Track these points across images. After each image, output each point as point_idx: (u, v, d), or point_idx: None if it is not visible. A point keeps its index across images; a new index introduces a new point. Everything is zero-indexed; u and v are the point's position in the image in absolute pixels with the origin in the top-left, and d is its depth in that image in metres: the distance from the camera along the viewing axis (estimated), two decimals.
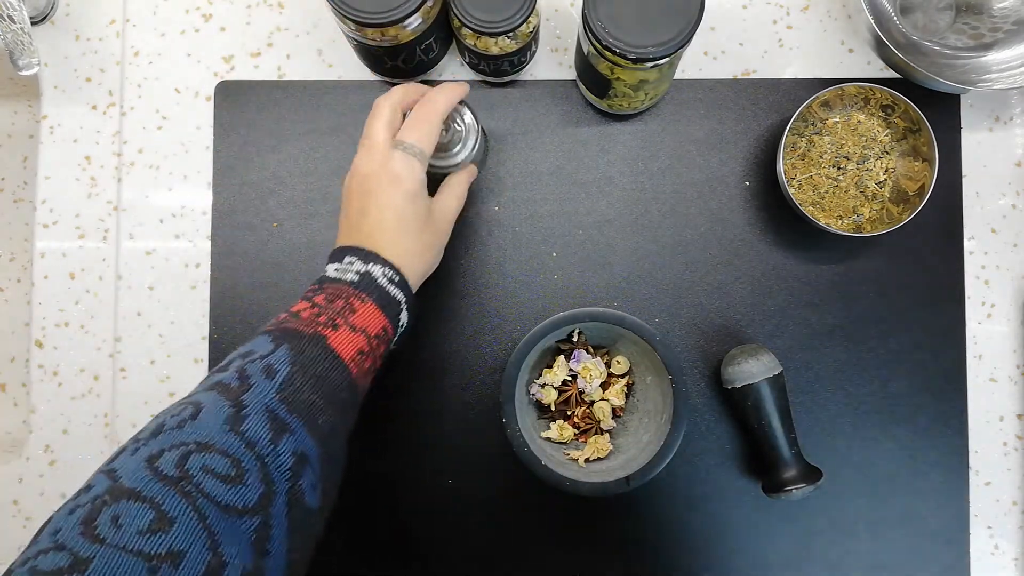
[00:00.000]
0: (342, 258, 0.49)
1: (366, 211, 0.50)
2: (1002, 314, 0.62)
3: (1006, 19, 0.62)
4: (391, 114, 0.51)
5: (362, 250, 0.49)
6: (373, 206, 0.49)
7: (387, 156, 0.50)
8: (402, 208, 0.50)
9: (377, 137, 0.51)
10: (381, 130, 0.51)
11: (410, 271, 0.50)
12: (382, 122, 0.51)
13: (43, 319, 0.63)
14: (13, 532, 0.62)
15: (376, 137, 0.51)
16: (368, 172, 0.50)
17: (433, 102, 0.52)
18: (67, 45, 0.64)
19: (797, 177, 0.61)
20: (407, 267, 0.50)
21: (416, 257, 0.51)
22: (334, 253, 0.50)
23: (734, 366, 0.58)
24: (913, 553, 0.61)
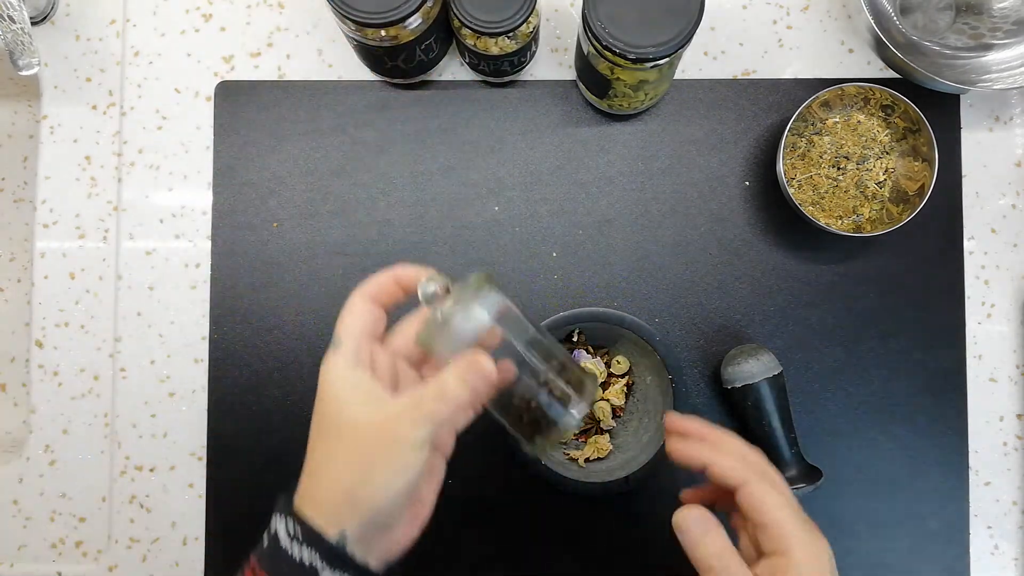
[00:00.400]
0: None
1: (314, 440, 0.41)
2: (1002, 314, 0.62)
3: (1006, 19, 0.62)
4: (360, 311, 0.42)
5: (285, 495, 0.41)
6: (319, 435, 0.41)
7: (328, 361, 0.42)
8: (317, 421, 0.40)
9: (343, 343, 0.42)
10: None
11: (330, 516, 0.37)
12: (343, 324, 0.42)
13: (43, 319, 0.63)
14: (13, 532, 0.62)
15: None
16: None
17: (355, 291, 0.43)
18: (67, 45, 0.64)
19: (797, 177, 0.61)
20: (327, 511, 0.38)
21: (342, 494, 0.37)
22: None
23: (734, 366, 0.58)
24: (913, 553, 0.61)
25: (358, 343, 0.41)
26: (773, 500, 0.41)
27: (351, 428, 0.39)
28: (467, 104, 0.63)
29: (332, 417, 0.40)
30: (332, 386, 0.40)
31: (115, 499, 0.62)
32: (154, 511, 0.62)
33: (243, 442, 0.61)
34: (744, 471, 0.42)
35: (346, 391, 0.40)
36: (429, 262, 0.62)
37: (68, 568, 0.62)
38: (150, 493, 0.62)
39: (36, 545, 0.62)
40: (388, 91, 0.63)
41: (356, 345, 0.41)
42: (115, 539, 0.62)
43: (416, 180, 0.63)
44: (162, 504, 0.62)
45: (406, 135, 0.63)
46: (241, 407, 0.62)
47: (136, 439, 0.62)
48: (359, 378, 0.40)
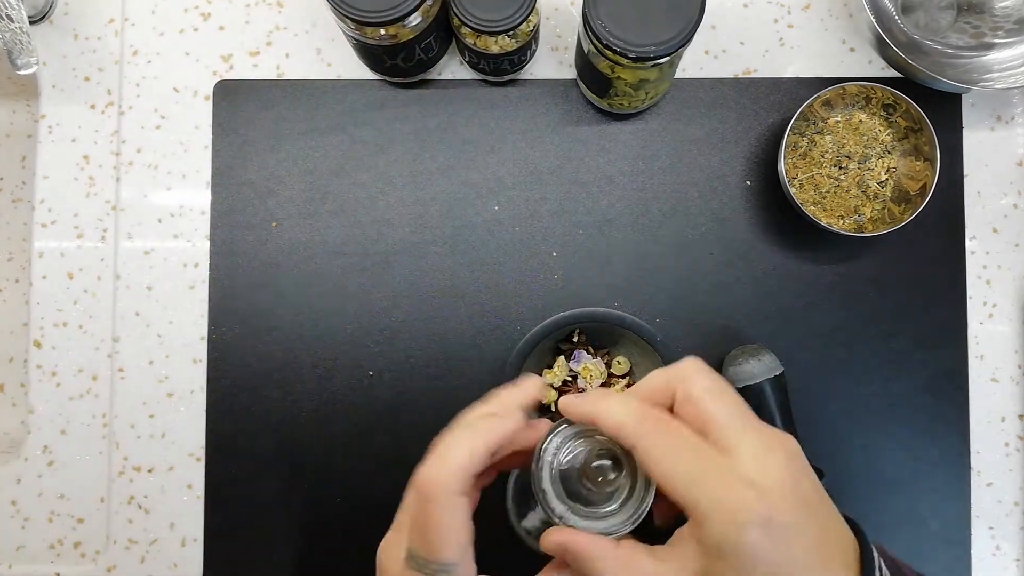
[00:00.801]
0: None
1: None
2: (1004, 314, 0.62)
3: (1007, 18, 0.62)
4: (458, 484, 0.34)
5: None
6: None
7: (394, 564, 0.35)
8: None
9: (400, 515, 0.35)
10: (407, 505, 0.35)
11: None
12: (411, 494, 0.34)
13: (41, 319, 0.62)
14: (12, 532, 0.62)
15: (400, 516, 0.35)
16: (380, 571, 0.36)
17: (421, 480, 0.34)
18: (66, 44, 0.64)
19: (798, 176, 0.60)
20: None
21: None
22: None
23: (735, 366, 0.58)
24: (914, 553, 0.61)
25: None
26: (713, 396, 0.34)
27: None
28: (467, 103, 0.63)
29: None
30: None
31: (113, 500, 0.62)
32: (152, 512, 0.61)
33: (242, 442, 0.61)
34: (671, 377, 0.35)
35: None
36: (429, 262, 0.62)
37: (66, 569, 0.61)
38: (148, 494, 0.62)
39: (34, 546, 0.62)
40: (387, 90, 0.63)
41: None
42: (113, 540, 0.62)
43: (416, 180, 0.62)
44: (160, 505, 0.61)
45: (406, 134, 0.63)
46: (240, 407, 0.61)
47: (134, 439, 0.62)
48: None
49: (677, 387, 0.34)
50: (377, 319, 0.62)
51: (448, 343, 0.62)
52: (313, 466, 0.61)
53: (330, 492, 0.61)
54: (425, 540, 0.33)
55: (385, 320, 0.62)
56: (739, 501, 0.31)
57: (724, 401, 0.34)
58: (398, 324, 0.62)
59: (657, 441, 0.32)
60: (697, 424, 0.33)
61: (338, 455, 0.61)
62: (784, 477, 0.32)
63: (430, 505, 0.34)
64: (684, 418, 0.34)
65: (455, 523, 0.34)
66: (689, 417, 0.34)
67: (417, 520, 0.34)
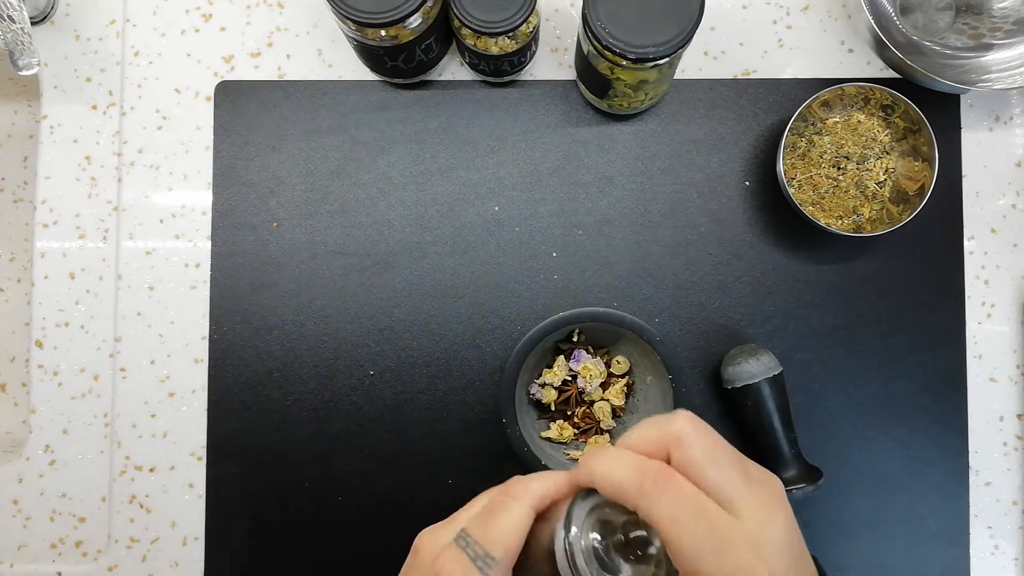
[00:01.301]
0: None
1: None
2: (1002, 314, 0.62)
3: (1006, 19, 0.62)
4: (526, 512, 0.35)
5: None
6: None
7: (442, 544, 0.36)
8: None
9: (463, 513, 0.37)
10: (473, 508, 0.37)
11: None
12: (482, 500, 0.37)
13: (43, 319, 0.63)
14: (13, 532, 0.62)
15: (462, 513, 0.37)
16: (418, 554, 0.37)
17: (519, 485, 0.36)
18: (67, 45, 0.64)
19: (797, 177, 0.61)
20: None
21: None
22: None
23: (734, 366, 0.58)
24: (913, 553, 0.61)
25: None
26: (708, 457, 0.34)
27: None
28: (467, 104, 0.63)
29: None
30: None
31: (115, 499, 0.62)
32: (154, 511, 0.62)
33: (243, 442, 0.61)
34: (667, 432, 0.35)
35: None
36: (429, 262, 0.62)
37: (68, 568, 0.62)
38: (150, 493, 0.62)
39: (36, 545, 0.62)
40: (388, 91, 0.63)
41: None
42: (115, 539, 0.62)
43: (416, 180, 0.63)
44: (162, 504, 0.62)
45: (406, 135, 0.63)
46: (241, 407, 0.62)
47: (136, 439, 0.62)
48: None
49: (672, 448, 0.34)
50: (377, 319, 0.62)
51: (448, 343, 0.62)
52: (313, 466, 0.61)
53: (330, 492, 0.61)
54: (487, 528, 0.35)
55: (385, 320, 0.62)
56: (745, 571, 0.32)
57: (725, 463, 0.34)
58: (398, 324, 0.62)
59: (660, 504, 0.32)
60: (698, 484, 0.34)
61: (338, 455, 0.61)
62: (783, 538, 0.33)
63: (511, 502, 0.35)
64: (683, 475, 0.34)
65: (519, 528, 0.35)
66: (689, 477, 0.34)
67: (492, 509, 0.35)
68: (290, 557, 0.61)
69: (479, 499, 0.38)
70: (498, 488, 0.37)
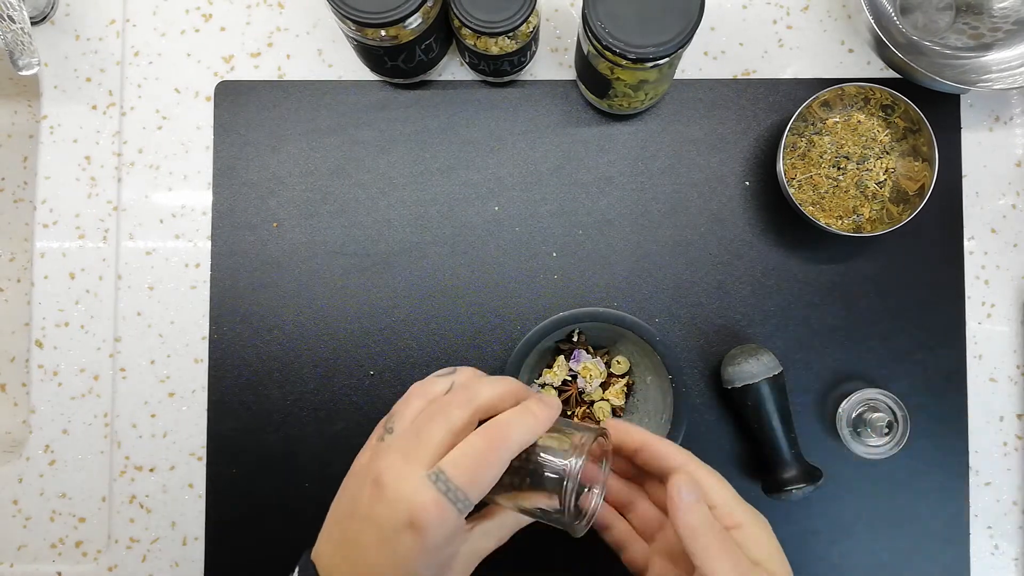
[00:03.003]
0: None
1: (353, 542, 0.38)
2: (1002, 314, 0.62)
3: (1006, 19, 0.62)
4: (463, 424, 0.38)
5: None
6: (367, 542, 0.37)
7: (416, 484, 0.36)
8: (407, 565, 0.36)
9: (429, 444, 0.37)
10: (440, 436, 0.37)
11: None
12: (446, 427, 0.38)
13: (43, 319, 0.63)
14: (13, 532, 0.62)
15: (428, 443, 0.37)
16: (384, 488, 0.37)
17: (506, 434, 0.38)
18: (67, 45, 0.64)
19: (797, 177, 0.61)
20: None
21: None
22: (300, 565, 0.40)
23: (734, 366, 0.58)
24: (913, 553, 0.61)
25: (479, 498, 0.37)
26: (716, 480, 0.43)
27: (439, 568, 0.38)
28: (467, 104, 0.63)
29: (433, 562, 0.37)
30: (443, 538, 0.37)
31: (115, 499, 0.62)
32: (154, 511, 0.62)
33: (243, 442, 0.61)
34: (683, 454, 0.43)
35: (447, 542, 0.37)
36: (429, 262, 0.62)
37: (68, 568, 0.62)
38: (150, 493, 0.62)
39: (36, 545, 0.62)
40: (388, 91, 0.63)
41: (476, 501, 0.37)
42: (115, 539, 0.62)
43: (416, 180, 0.63)
44: (162, 504, 0.62)
45: (406, 135, 0.63)
46: (241, 407, 0.62)
47: (136, 439, 0.62)
48: (452, 539, 0.37)
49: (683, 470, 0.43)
50: (377, 319, 0.62)
51: (448, 343, 0.62)
52: (313, 466, 0.61)
53: (330, 492, 0.61)
54: (470, 472, 0.36)
55: (385, 320, 0.62)
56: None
57: (728, 488, 0.43)
58: (398, 324, 0.62)
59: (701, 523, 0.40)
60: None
61: (338, 455, 0.61)
62: (774, 547, 0.42)
63: (500, 448, 0.37)
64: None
65: (496, 476, 0.37)
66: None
67: (476, 451, 0.37)
68: (290, 557, 0.61)
69: (411, 401, 0.40)
70: (495, 424, 0.38)
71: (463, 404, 0.39)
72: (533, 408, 0.40)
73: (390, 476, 0.37)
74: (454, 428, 0.38)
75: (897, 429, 0.57)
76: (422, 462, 0.37)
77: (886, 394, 0.58)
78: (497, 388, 0.40)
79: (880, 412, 0.58)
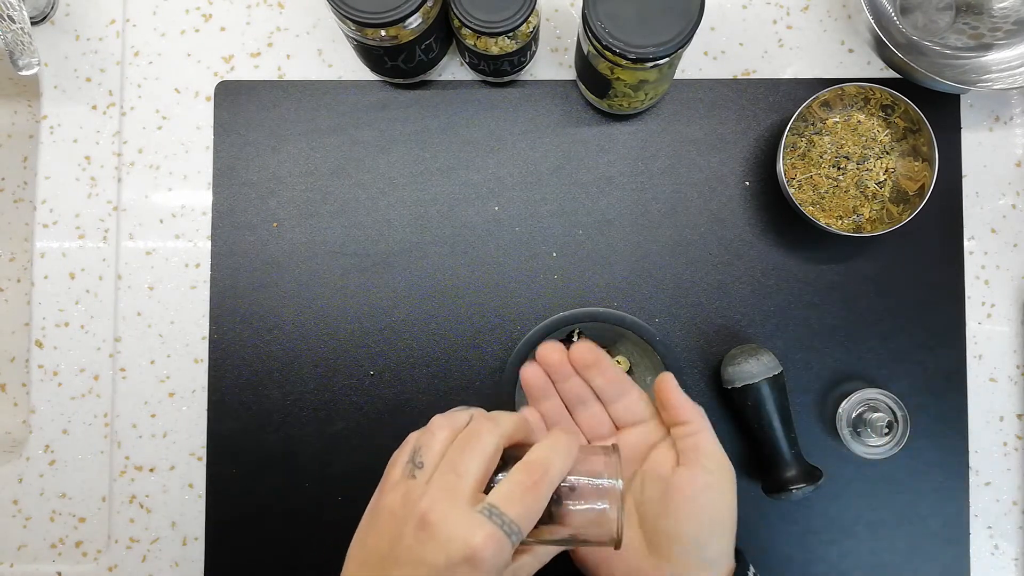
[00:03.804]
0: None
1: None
2: (1002, 314, 0.62)
3: (1006, 19, 0.62)
4: (495, 450, 0.39)
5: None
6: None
7: (469, 520, 0.37)
8: (422, 552, 0.37)
9: (468, 476, 0.38)
10: (477, 467, 0.38)
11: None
12: (480, 455, 0.38)
13: (43, 319, 0.63)
14: (13, 532, 0.62)
15: (467, 475, 0.38)
16: (433, 527, 0.37)
17: (547, 465, 0.39)
18: (67, 45, 0.64)
19: (797, 177, 0.61)
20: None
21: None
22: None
23: (734, 366, 0.58)
24: (913, 553, 0.61)
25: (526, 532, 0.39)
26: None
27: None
28: (467, 104, 0.63)
29: (452, 569, 0.37)
30: (497, 573, 0.37)
31: (115, 499, 0.62)
32: (154, 511, 0.62)
33: (243, 442, 0.61)
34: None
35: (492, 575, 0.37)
36: (429, 262, 0.62)
37: (68, 568, 0.62)
38: (150, 493, 0.62)
39: (36, 545, 0.62)
40: (388, 91, 0.63)
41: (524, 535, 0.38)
42: (115, 539, 0.62)
43: (416, 180, 0.63)
44: (162, 504, 0.62)
45: (406, 135, 0.63)
46: (241, 407, 0.62)
47: (136, 439, 0.62)
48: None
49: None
50: (377, 319, 0.62)
51: (448, 343, 0.62)
52: (313, 466, 0.61)
53: (330, 492, 0.62)
54: (521, 504, 0.38)
55: (385, 320, 0.62)
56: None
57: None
58: (398, 324, 0.62)
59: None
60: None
61: (338, 455, 0.61)
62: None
63: (545, 480, 0.39)
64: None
65: (543, 506, 0.39)
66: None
67: (524, 485, 0.38)
68: (290, 557, 0.61)
69: (436, 432, 0.41)
70: (539, 463, 0.40)
71: (491, 431, 0.40)
72: (563, 438, 0.42)
73: (437, 515, 0.37)
74: (487, 456, 0.39)
75: (897, 429, 0.57)
76: (466, 497, 0.38)
77: (886, 394, 0.58)
78: (514, 417, 0.43)
79: (880, 412, 0.58)
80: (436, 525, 0.37)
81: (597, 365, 0.50)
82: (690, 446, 0.48)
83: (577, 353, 0.50)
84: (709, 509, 0.46)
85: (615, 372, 0.51)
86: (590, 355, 0.50)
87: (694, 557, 0.45)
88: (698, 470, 0.47)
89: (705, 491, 0.46)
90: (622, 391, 0.51)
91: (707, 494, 0.46)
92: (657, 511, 0.47)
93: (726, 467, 0.48)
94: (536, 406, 0.52)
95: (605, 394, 0.51)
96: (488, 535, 0.36)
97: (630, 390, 0.51)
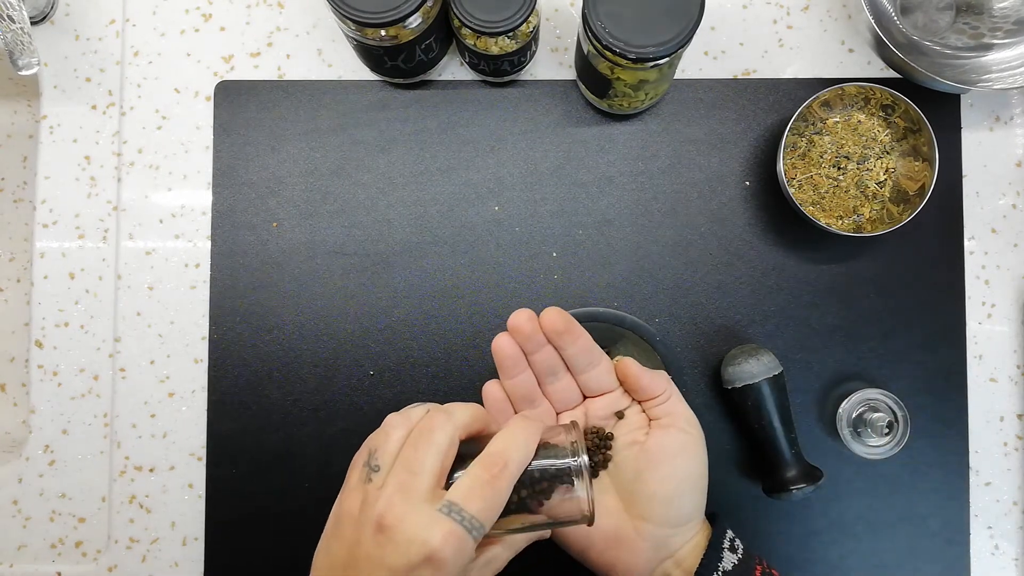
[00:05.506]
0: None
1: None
2: (1002, 314, 0.62)
3: (1006, 19, 0.62)
4: (449, 444, 0.39)
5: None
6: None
7: (427, 520, 0.36)
8: (384, 549, 0.36)
9: (424, 474, 0.37)
10: (432, 463, 0.37)
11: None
12: (435, 451, 0.38)
13: (43, 319, 0.62)
14: (13, 532, 0.62)
15: (422, 473, 0.37)
16: (390, 531, 0.36)
17: (506, 458, 0.39)
18: (67, 45, 0.64)
19: (797, 177, 0.61)
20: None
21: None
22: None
23: (734, 366, 0.58)
24: (913, 553, 0.61)
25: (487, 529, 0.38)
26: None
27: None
28: (467, 104, 0.63)
29: (412, 570, 0.36)
30: (459, 570, 0.37)
31: (115, 499, 0.62)
32: (154, 511, 0.62)
33: (243, 442, 0.61)
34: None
35: (454, 573, 0.37)
36: (429, 262, 0.62)
37: (68, 568, 0.62)
38: (150, 493, 0.62)
39: (36, 545, 0.62)
40: (388, 91, 0.63)
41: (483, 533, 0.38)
42: (115, 539, 0.62)
43: (416, 180, 0.63)
44: (162, 504, 0.62)
45: (406, 135, 0.63)
46: (241, 407, 0.62)
47: (136, 439, 0.62)
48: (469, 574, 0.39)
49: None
50: (377, 319, 0.62)
51: (448, 343, 0.62)
52: (313, 466, 0.61)
53: (330, 492, 0.61)
54: (481, 498, 0.37)
55: (385, 320, 0.62)
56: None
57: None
58: (398, 324, 0.62)
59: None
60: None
61: (338, 455, 0.61)
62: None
63: (505, 472, 0.38)
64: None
65: (505, 498, 0.38)
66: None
67: (483, 479, 0.38)
68: (290, 557, 0.61)
69: (390, 432, 0.40)
70: (499, 453, 0.39)
71: (444, 425, 0.39)
72: (522, 426, 0.41)
73: (393, 517, 0.37)
74: (441, 450, 0.38)
75: (897, 429, 0.57)
76: (423, 496, 0.37)
77: (886, 394, 0.58)
78: (469, 408, 0.41)
79: (880, 412, 0.58)
80: (393, 527, 0.36)
81: (570, 332, 0.48)
82: (664, 411, 0.49)
83: (548, 319, 0.48)
84: (685, 467, 0.48)
85: (587, 340, 0.49)
86: (561, 321, 0.48)
87: (674, 513, 0.47)
88: (674, 431, 0.48)
89: (683, 450, 0.48)
90: (591, 360, 0.49)
91: (685, 453, 0.48)
92: (632, 475, 0.48)
93: (696, 424, 0.49)
94: (507, 380, 0.50)
95: (576, 363, 0.49)
96: (448, 533, 0.36)
97: (600, 359, 0.50)
